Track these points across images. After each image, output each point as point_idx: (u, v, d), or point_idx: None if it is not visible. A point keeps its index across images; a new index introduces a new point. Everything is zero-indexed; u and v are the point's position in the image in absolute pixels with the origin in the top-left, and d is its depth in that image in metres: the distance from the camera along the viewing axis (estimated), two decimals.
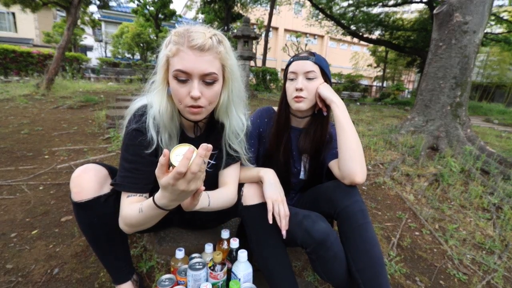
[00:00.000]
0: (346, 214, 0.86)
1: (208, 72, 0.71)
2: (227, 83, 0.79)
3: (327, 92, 0.95)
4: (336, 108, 0.93)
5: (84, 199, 0.75)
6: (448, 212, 1.95)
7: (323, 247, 0.81)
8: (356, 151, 0.89)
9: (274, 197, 0.86)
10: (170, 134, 0.81)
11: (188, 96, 0.71)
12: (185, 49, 0.68)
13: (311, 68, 0.97)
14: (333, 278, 0.87)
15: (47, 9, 15.63)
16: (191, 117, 0.76)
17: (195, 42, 0.68)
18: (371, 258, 0.82)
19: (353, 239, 0.84)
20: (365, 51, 23.62)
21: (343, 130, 0.91)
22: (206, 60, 0.70)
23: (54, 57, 5.43)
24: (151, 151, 0.78)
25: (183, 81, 0.71)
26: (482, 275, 1.34)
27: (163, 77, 0.74)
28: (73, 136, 2.88)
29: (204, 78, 0.71)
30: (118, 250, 0.87)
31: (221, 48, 0.73)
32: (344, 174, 0.90)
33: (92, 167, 0.79)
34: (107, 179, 0.81)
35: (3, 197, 1.59)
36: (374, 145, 3.16)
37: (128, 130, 0.79)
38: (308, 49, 9.56)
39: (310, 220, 0.84)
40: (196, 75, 0.70)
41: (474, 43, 3.33)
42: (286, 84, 1.04)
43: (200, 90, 0.71)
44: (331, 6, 11.94)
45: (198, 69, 0.69)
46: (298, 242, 0.85)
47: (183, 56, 0.69)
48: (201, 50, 0.69)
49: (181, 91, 0.71)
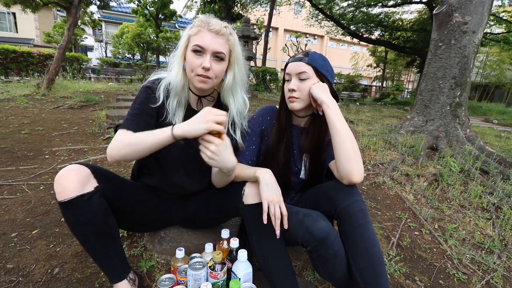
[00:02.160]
0: (347, 214, 0.86)
1: (219, 51, 0.89)
2: (232, 66, 0.96)
3: (318, 93, 0.96)
4: (327, 108, 0.93)
5: (67, 198, 0.77)
6: (447, 212, 1.95)
7: (324, 245, 0.82)
8: (351, 151, 0.88)
9: (270, 198, 0.85)
10: (179, 101, 0.96)
11: (200, 67, 0.88)
12: (205, 31, 0.88)
13: (303, 69, 0.99)
14: (333, 277, 0.87)
15: (48, 10, 15.65)
16: (199, 85, 0.91)
17: (213, 27, 0.88)
18: (371, 257, 0.82)
19: (353, 239, 0.85)
20: (365, 51, 23.65)
21: (336, 130, 0.91)
22: (219, 42, 0.89)
23: (55, 57, 5.43)
24: (155, 106, 0.93)
25: (199, 54, 0.88)
26: (482, 274, 1.35)
27: (182, 52, 0.92)
28: (74, 136, 2.88)
29: (215, 55, 0.89)
30: (109, 248, 0.87)
31: (231, 37, 0.92)
32: (342, 175, 0.90)
33: (73, 167, 0.81)
34: (90, 178, 0.82)
35: (4, 196, 1.60)
36: (374, 145, 3.17)
37: (141, 87, 0.96)
38: (307, 49, 9.61)
39: (311, 219, 0.85)
40: (210, 51, 0.88)
41: (474, 43, 3.34)
42: (284, 85, 1.07)
43: (210, 64, 0.88)
44: (331, 6, 11.96)
45: (212, 46, 0.88)
46: (299, 241, 0.85)
47: (202, 36, 0.88)
48: (216, 33, 0.88)
49: (196, 61, 0.88)
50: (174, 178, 1.02)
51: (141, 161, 1.06)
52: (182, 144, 0.97)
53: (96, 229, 0.82)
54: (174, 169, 1.02)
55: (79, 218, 0.80)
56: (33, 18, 17.33)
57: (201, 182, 1.07)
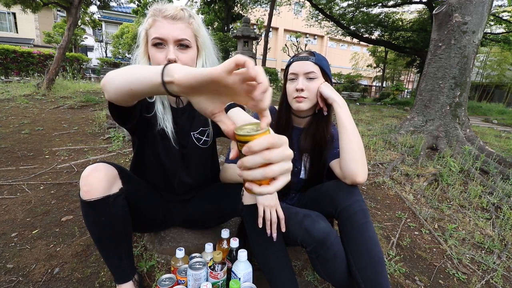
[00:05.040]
0: (347, 214, 0.86)
1: (181, 38, 0.79)
2: (201, 53, 0.87)
3: (329, 92, 0.96)
4: (338, 107, 0.94)
5: (93, 198, 0.76)
6: (447, 211, 1.95)
7: (323, 246, 0.82)
8: (358, 152, 0.89)
9: (266, 203, 0.85)
10: (163, 103, 0.89)
11: (165, 61, 0.78)
12: (160, 19, 0.78)
13: (311, 68, 0.98)
14: (333, 278, 0.87)
15: (48, 10, 15.65)
16: None
17: (168, 12, 0.78)
18: (372, 257, 0.82)
19: (354, 239, 0.84)
20: (365, 51, 23.63)
21: (345, 129, 0.91)
22: (179, 27, 0.79)
23: (55, 57, 5.44)
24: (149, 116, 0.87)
25: (160, 47, 0.79)
26: (482, 274, 1.35)
27: (144, 50, 0.83)
28: (74, 136, 2.89)
29: (178, 43, 0.80)
30: (122, 250, 0.87)
31: (193, 20, 0.82)
32: (346, 174, 0.90)
33: (102, 167, 0.79)
34: (116, 179, 0.81)
35: (4, 196, 1.60)
36: (374, 145, 3.17)
37: None
38: (308, 49, 9.56)
39: (310, 220, 0.84)
40: (171, 40, 0.79)
41: (474, 43, 3.34)
42: (287, 84, 1.05)
43: (175, 55, 0.79)
44: (331, 6, 11.96)
45: (172, 34, 0.78)
46: (298, 241, 0.85)
47: (158, 25, 0.78)
48: (173, 18, 0.78)
49: (159, 56, 0.79)
50: (174, 178, 1.02)
51: (138, 159, 1.05)
52: (177, 149, 0.96)
53: (114, 230, 0.82)
54: (171, 169, 1.01)
55: (100, 218, 0.79)
56: (33, 18, 17.33)
57: (201, 178, 1.07)
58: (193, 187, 1.06)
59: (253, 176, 0.37)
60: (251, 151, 0.36)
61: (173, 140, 0.92)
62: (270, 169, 0.37)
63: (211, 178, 1.11)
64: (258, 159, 0.36)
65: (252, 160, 0.36)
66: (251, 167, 0.37)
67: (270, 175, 0.37)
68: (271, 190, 0.38)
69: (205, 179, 1.08)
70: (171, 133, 0.90)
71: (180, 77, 0.40)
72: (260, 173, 0.37)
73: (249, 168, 0.37)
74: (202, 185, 1.08)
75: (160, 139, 0.93)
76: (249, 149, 0.36)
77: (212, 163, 1.09)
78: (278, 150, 0.37)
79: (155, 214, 1.03)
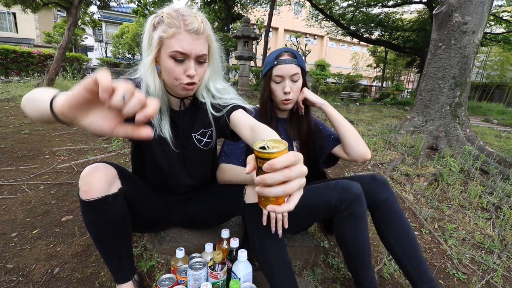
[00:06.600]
0: (387, 204, 0.98)
1: (203, 53, 0.78)
2: (210, 62, 0.87)
3: (314, 98, 1.12)
4: (327, 108, 1.11)
5: (92, 198, 0.76)
6: (447, 211, 1.95)
7: (358, 201, 0.90)
8: (357, 136, 1.09)
9: None
10: (161, 108, 0.86)
11: (184, 75, 0.77)
12: (183, 32, 0.74)
13: (295, 70, 1.07)
14: (356, 241, 0.93)
15: (48, 10, 15.66)
16: (183, 93, 0.83)
17: (192, 26, 0.74)
18: (411, 239, 0.98)
19: (395, 224, 0.98)
20: (365, 51, 23.62)
21: (340, 123, 1.09)
22: (201, 42, 0.77)
23: (55, 57, 5.44)
24: None
25: (180, 61, 0.76)
26: (482, 274, 1.35)
27: (154, 56, 0.78)
28: (74, 136, 2.88)
29: (198, 59, 0.79)
30: (122, 250, 0.87)
31: (209, 31, 0.80)
32: (356, 156, 1.09)
33: (101, 166, 0.79)
34: (116, 179, 0.81)
35: (4, 196, 1.60)
36: (374, 145, 3.17)
37: None
38: (288, 46, 9.61)
39: (344, 181, 0.94)
40: (193, 56, 0.77)
41: (474, 43, 3.34)
42: (272, 86, 1.11)
43: (196, 70, 0.78)
44: (331, 6, 11.96)
45: (195, 51, 0.76)
46: (333, 202, 0.91)
47: (181, 39, 0.74)
48: (196, 33, 0.75)
49: (178, 70, 0.77)
50: (174, 179, 1.02)
51: (137, 162, 1.04)
52: (177, 152, 0.95)
53: (113, 230, 0.82)
54: (170, 172, 1.00)
55: (99, 218, 0.79)
56: (33, 18, 17.33)
57: (202, 178, 1.07)
58: (194, 188, 1.06)
59: (274, 193, 0.38)
60: (273, 169, 0.37)
61: (172, 145, 0.91)
62: (290, 186, 0.38)
63: (211, 178, 1.11)
64: (279, 176, 0.37)
65: (274, 178, 0.38)
66: (272, 184, 0.38)
67: (289, 192, 0.39)
68: (291, 207, 0.40)
69: (206, 180, 1.08)
70: (169, 138, 0.89)
71: (58, 106, 0.40)
72: (281, 190, 0.38)
73: (269, 185, 0.38)
74: (202, 185, 1.08)
75: (157, 144, 0.92)
76: (271, 166, 0.38)
77: (213, 163, 1.09)
78: (297, 167, 0.39)
79: (155, 214, 1.03)
